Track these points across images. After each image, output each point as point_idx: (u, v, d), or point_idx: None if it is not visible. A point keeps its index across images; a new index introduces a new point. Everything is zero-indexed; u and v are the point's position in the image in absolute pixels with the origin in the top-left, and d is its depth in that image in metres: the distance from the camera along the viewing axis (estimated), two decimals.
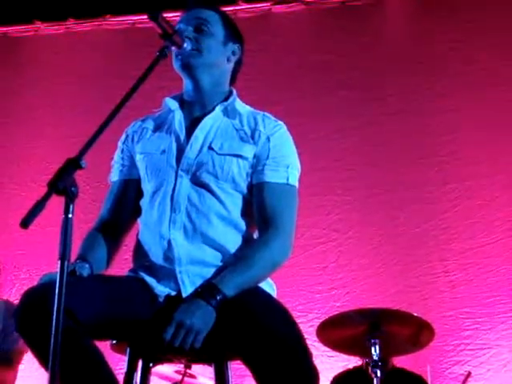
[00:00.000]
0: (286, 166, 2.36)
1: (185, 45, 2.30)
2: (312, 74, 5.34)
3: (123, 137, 2.52)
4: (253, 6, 5.56)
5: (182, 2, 2.51)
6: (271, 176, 2.33)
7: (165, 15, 2.19)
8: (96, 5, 5.75)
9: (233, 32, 2.49)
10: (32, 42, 6.04)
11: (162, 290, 2.25)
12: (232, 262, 2.24)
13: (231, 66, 2.49)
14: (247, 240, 2.33)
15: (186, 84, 2.44)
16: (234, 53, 2.48)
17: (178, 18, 2.45)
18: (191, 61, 2.36)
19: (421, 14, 5.48)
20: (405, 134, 5.06)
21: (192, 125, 2.40)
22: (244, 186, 2.34)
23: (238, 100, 2.46)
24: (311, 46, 5.49)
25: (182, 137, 2.37)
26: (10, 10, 5.84)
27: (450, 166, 4.92)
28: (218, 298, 2.09)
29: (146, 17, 2.18)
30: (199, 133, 2.36)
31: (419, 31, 5.37)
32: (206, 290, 2.13)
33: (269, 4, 5.64)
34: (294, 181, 2.37)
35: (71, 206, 1.77)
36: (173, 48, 2.28)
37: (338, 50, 5.37)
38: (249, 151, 2.34)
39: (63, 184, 1.76)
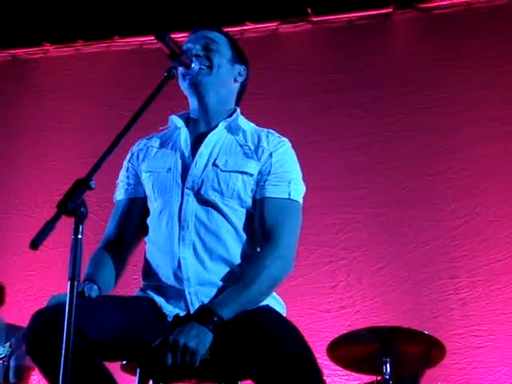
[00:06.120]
0: (288, 181, 2.35)
1: (193, 65, 2.31)
2: (319, 93, 5.35)
3: (128, 155, 2.53)
4: (260, 26, 5.59)
5: (190, 23, 2.52)
6: (272, 191, 2.33)
7: (172, 36, 2.20)
8: (104, 26, 5.79)
9: (239, 54, 2.51)
10: (41, 64, 6.08)
11: (170, 310, 2.25)
12: (232, 282, 2.23)
13: (237, 86, 2.51)
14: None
15: (192, 102, 2.45)
16: (240, 74, 2.50)
17: (185, 39, 2.47)
18: (201, 78, 2.37)
19: (428, 31, 5.49)
20: (414, 151, 5.06)
21: (196, 142, 2.41)
22: (250, 202, 2.34)
23: (241, 117, 2.47)
24: (318, 64, 5.51)
25: (187, 154, 2.38)
26: (19, 32, 5.90)
27: (459, 183, 4.91)
28: (215, 320, 2.08)
29: (153, 37, 2.18)
30: (204, 150, 2.37)
31: (426, 49, 5.38)
32: (201, 313, 2.12)
33: (275, 24, 5.67)
34: (297, 196, 2.36)
35: (81, 227, 1.77)
36: (180, 68, 2.30)
37: (345, 68, 5.38)
38: (253, 168, 2.35)
39: (73, 205, 1.76)
